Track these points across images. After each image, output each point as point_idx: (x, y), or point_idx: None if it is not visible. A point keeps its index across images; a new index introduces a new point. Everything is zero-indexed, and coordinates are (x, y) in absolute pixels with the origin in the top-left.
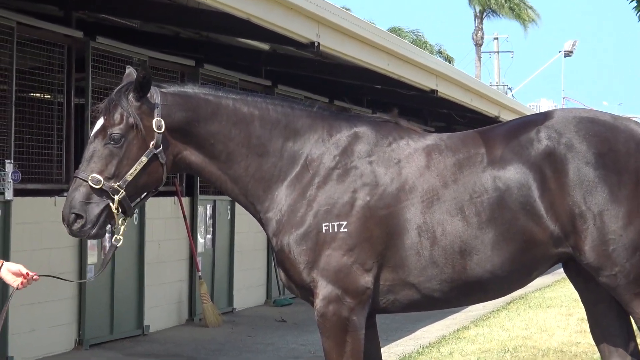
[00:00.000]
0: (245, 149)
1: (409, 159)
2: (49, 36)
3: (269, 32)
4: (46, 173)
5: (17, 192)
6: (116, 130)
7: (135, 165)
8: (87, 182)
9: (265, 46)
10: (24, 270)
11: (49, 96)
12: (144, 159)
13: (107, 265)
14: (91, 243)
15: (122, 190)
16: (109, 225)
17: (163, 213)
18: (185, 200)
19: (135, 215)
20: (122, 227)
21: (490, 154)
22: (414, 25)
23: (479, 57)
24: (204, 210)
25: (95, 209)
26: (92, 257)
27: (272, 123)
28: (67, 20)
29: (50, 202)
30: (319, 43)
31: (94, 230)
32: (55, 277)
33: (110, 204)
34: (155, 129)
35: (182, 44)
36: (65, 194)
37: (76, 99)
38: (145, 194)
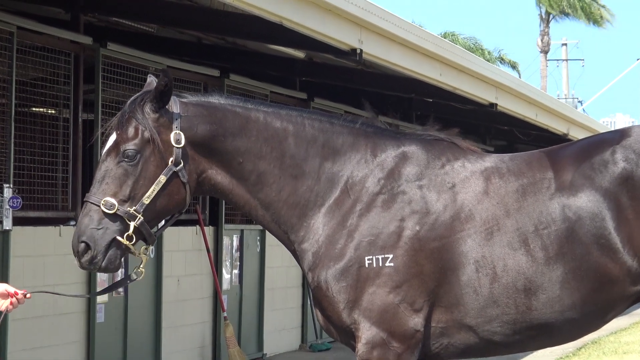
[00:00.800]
0: (277, 169)
1: (465, 184)
2: (53, 43)
3: (304, 38)
4: (50, 199)
5: (17, 221)
6: (130, 146)
7: (153, 186)
8: (99, 206)
9: (300, 54)
10: (11, 290)
11: (53, 111)
12: (162, 178)
13: (115, 289)
14: (101, 279)
15: (139, 215)
16: (123, 258)
17: (183, 245)
18: (209, 230)
19: (151, 247)
20: (144, 257)
21: (558, 179)
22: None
23: (545, 66)
24: (230, 241)
25: (105, 237)
26: (102, 295)
27: (309, 140)
28: (74, 25)
29: (55, 232)
30: (361, 50)
31: (104, 263)
32: (51, 293)
33: (118, 236)
34: (174, 144)
35: (205, 52)
36: (72, 222)
37: (84, 114)
38: (167, 219)
